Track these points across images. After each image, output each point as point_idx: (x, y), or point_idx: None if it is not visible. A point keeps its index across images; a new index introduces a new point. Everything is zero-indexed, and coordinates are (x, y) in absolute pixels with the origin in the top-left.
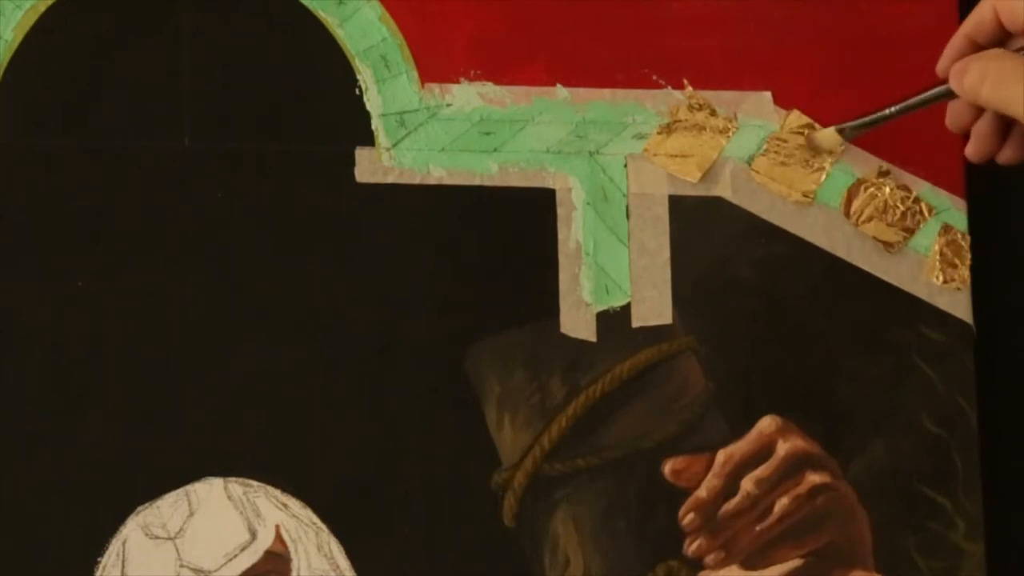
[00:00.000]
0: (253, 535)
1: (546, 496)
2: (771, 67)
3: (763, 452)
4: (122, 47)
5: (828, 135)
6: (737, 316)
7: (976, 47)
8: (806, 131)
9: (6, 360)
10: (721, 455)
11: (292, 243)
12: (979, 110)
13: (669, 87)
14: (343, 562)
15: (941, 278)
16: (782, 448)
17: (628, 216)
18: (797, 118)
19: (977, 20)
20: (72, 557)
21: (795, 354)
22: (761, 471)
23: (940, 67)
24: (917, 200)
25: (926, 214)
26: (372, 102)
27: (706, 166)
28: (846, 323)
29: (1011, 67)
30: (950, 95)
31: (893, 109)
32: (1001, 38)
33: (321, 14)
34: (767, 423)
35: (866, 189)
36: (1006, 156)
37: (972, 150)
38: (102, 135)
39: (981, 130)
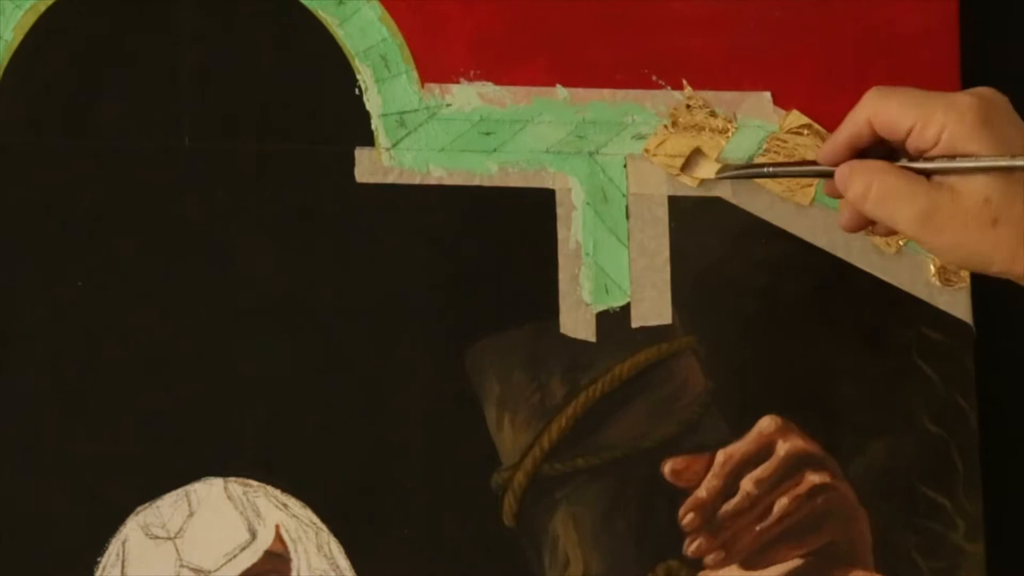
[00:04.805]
0: (253, 535)
1: (546, 496)
2: (771, 67)
3: (763, 452)
4: (122, 47)
5: (707, 166)
6: (737, 316)
7: (857, 150)
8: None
9: (6, 360)
10: (721, 455)
11: (292, 243)
12: None
13: (669, 87)
14: (343, 562)
15: (941, 278)
16: (782, 448)
17: (628, 216)
18: (797, 118)
19: (854, 130)
20: (72, 557)
21: (795, 354)
22: (761, 471)
23: (822, 156)
24: None
25: None
26: (372, 102)
27: None
28: (846, 323)
29: (894, 183)
30: (830, 175)
31: (770, 170)
32: (880, 144)
33: (321, 14)
34: (767, 423)
35: None
36: (879, 230)
37: (845, 223)
38: (102, 135)
39: (855, 213)
